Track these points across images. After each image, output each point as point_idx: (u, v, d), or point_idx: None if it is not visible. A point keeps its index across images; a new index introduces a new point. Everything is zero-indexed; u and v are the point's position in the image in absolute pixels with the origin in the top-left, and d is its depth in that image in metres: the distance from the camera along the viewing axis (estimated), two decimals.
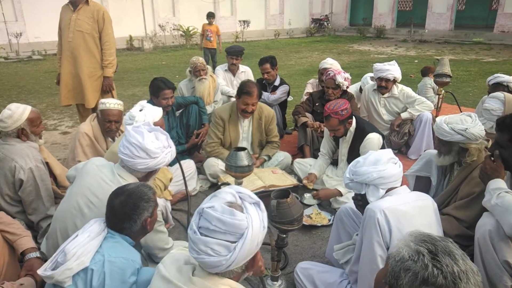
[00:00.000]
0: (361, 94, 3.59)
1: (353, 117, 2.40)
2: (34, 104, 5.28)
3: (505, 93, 2.53)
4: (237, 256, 0.92)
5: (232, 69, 3.97)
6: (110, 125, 2.33)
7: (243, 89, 2.60)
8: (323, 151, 2.67)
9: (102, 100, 2.38)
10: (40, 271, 1.17)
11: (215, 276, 0.97)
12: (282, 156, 2.89)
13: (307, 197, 2.51)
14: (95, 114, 2.46)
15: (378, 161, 1.39)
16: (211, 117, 2.88)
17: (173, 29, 12.78)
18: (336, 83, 2.97)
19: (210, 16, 7.34)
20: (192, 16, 13.45)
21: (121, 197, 1.28)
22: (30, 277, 1.41)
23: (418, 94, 3.98)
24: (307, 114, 3.20)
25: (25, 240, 1.51)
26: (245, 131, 2.83)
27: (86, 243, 1.18)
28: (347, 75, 3.05)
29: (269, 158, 2.84)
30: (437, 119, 1.89)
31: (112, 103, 2.33)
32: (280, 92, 3.59)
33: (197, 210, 1.00)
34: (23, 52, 10.23)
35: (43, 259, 1.50)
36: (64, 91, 3.13)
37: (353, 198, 1.60)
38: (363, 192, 1.42)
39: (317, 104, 3.24)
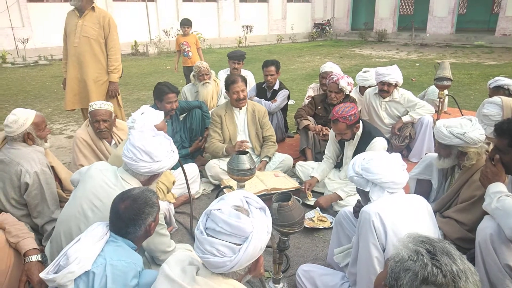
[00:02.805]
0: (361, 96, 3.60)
1: (360, 121, 2.41)
2: (40, 108, 5.34)
3: (503, 97, 2.53)
4: (241, 258, 0.95)
5: (234, 74, 4.01)
6: (98, 125, 2.36)
7: (228, 81, 2.87)
8: (328, 154, 2.68)
9: (90, 103, 2.44)
10: (42, 275, 1.18)
11: (219, 276, 0.99)
12: (283, 157, 2.93)
13: (310, 199, 2.52)
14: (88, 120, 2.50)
15: (393, 165, 1.41)
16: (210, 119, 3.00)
17: (177, 34, 12.91)
18: (339, 87, 2.99)
19: (185, 24, 5.05)
20: (196, 21, 13.56)
21: (126, 202, 1.29)
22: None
23: (426, 97, 3.98)
24: (309, 118, 3.22)
25: (28, 242, 1.50)
26: (241, 124, 2.94)
27: (89, 247, 1.20)
28: (350, 79, 3.07)
29: (269, 159, 2.88)
30: (437, 122, 1.90)
31: (98, 104, 2.40)
32: (280, 99, 3.62)
33: (205, 211, 1.03)
34: (30, 57, 10.35)
35: (44, 262, 1.49)
36: (69, 96, 3.18)
37: (355, 207, 1.61)
38: (367, 190, 1.43)
39: (319, 108, 3.26)
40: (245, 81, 2.89)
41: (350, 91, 3.09)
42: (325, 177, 2.67)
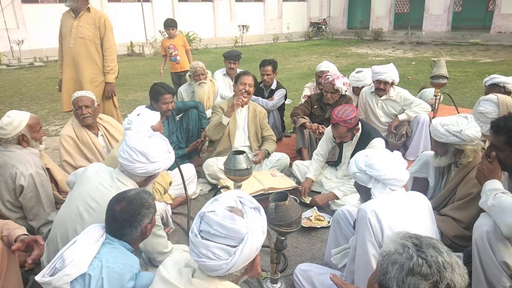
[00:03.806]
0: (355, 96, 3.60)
1: (359, 122, 2.41)
2: (35, 110, 5.31)
3: (498, 94, 2.54)
4: (237, 260, 0.94)
5: (230, 74, 4.01)
6: (81, 111, 2.39)
7: (239, 73, 2.87)
8: (320, 152, 2.66)
9: (72, 94, 2.49)
10: (38, 277, 1.17)
11: (215, 278, 0.98)
12: (279, 155, 2.94)
13: (306, 201, 2.52)
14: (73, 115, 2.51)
15: (395, 162, 1.42)
16: (211, 112, 3.00)
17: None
18: (335, 87, 3.00)
19: (169, 25, 4.51)
20: (192, 21, 13.55)
21: (121, 203, 1.28)
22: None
23: (422, 96, 3.98)
24: (305, 117, 3.21)
25: (19, 231, 1.45)
26: (241, 121, 2.92)
27: (85, 249, 1.19)
28: (346, 79, 3.07)
29: (268, 153, 2.88)
30: (433, 120, 1.90)
31: (80, 92, 2.47)
32: (277, 98, 3.62)
33: (198, 213, 1.01)
34: (25, 59, 10.29)
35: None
36: (66, 97, 3.16)
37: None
38: (369, 186, 1.43)
39: (315, 107, 3.26)
40: (255, 80, 2.90)
41: (345, 91, 3.09)
42: (318, 175, 2.66)
